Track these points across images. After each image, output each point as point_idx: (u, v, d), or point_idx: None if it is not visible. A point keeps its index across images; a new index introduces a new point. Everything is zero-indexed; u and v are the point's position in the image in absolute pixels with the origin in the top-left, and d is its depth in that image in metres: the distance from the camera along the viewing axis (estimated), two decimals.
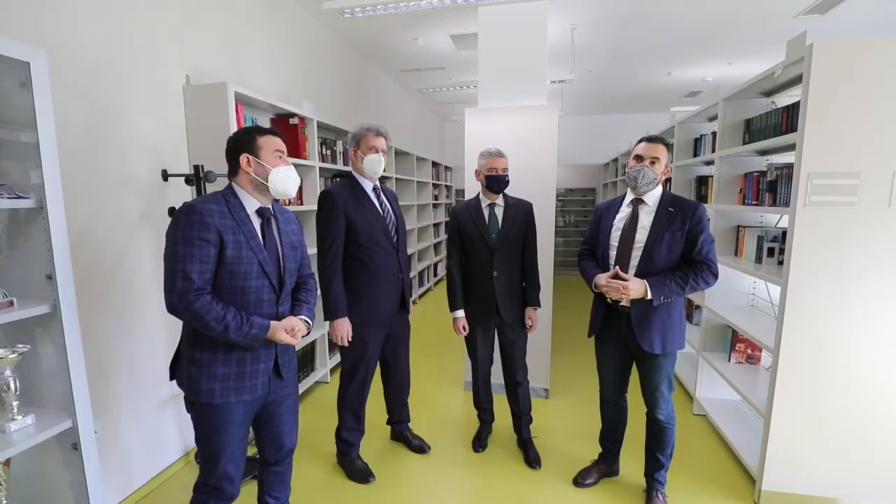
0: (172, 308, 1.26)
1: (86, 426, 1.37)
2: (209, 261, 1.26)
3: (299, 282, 1.56)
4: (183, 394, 1.38)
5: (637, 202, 1.81)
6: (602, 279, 1.77)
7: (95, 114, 1.81)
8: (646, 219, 1.77)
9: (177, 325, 2.19)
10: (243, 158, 1.37)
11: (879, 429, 1.82)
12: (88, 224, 1.80)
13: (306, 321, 1.48)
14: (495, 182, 2.15)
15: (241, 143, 1.38)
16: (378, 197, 2.06)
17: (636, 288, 1.68)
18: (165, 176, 1.96)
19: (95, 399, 1.78)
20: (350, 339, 2.01)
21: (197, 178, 1.99)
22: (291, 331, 1.39)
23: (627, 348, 1.89)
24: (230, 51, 2.64)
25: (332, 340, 3.53)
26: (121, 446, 1.97)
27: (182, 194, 2.22)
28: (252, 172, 1.37)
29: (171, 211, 1.99)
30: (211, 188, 2.15)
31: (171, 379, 1.43)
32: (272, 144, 1.41)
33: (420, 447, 2.37)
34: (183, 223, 1.25)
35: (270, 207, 1.44)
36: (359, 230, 1.96)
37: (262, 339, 1.34)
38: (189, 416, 1.39)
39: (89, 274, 1.80)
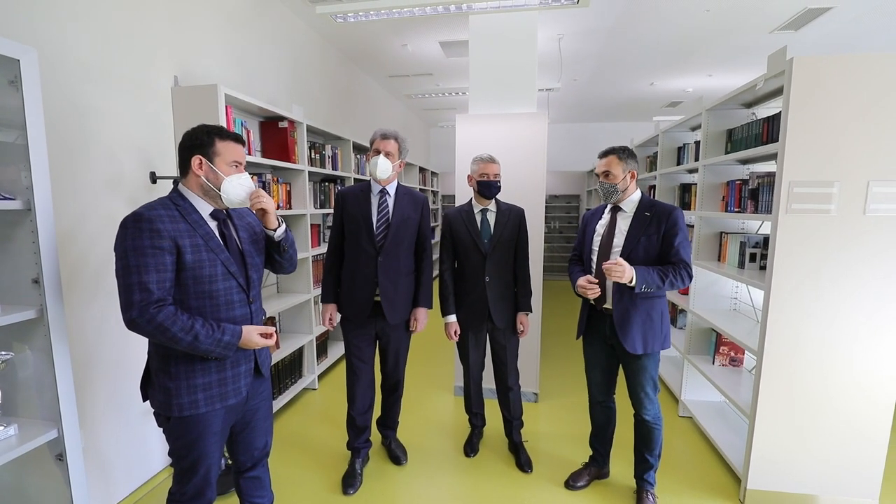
0: (133, 324, 1.15)
1: (72, 436, 1.33)
2: (166, 269, 1.18)
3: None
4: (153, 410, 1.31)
5: (616, 209, 1.90)
6: (581, 281, 1.84)
7: (80, 113, 1.76)
8: (623, 224, 1.86)
9: None
10: (195, 160, 1.26)
11: (853, 429, 1.89)
12: (72, 227, 1.74)
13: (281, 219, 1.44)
14: (486, 187, 2.17)
15: (197, 143, 1.27)
16: (381, 200, 2.05)
17: (628, 271, 1.69)
18: (154, 178, 1.92)
19: (79, 408, 1.72)
20: (335, 324, 2.17)
21: None
22: (266, 334, 1.33)
23: (613, 349, 1.94)
24: (219, 53, 2.61)
25: (321, 345, 3.50)
26: (102, 456, 1.90)
27: None
28: (203, 177, 1.27)
29: None
30: None
31: (145, 400, 1.34)
32: (231, 154, 1.29)
33: (397, 458, 2.35)
34: (132, 233, 1.15)
35: (224, 210, 1.35)
36: (346, 227, 2.08)
37: (236, 346, 1.27)
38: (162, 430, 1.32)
39: (73, 278, 1.75)
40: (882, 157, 1.75)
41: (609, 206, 1.92)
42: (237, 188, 1.29)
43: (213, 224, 1.30)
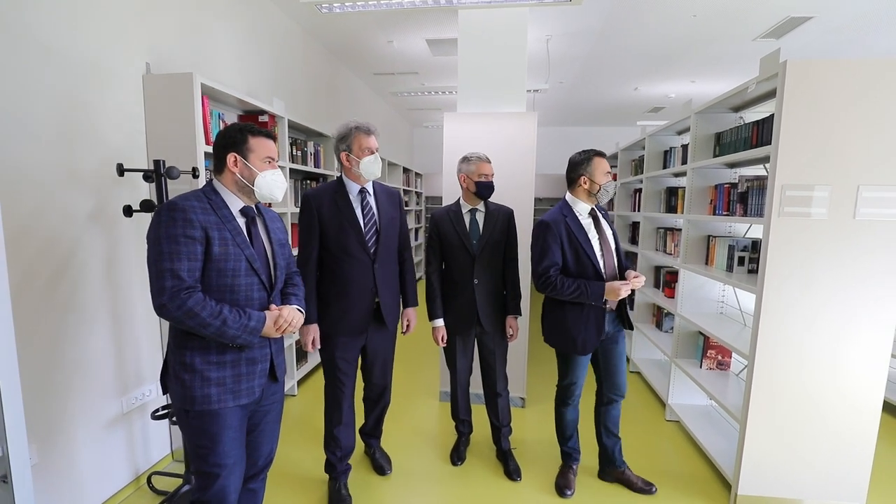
0: (163, 309, 1.18)
1: (19, 455, 1.19)
2: (197, 258, 1.21)
3: (286, 279, 1.51)
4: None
5: (594, 210, 1.96)
6: (616, 284, 1.81)
7: (38, 99, 1.62)
8: (604, 224, 1.97)
9: (130, 334, 2.03)
10: (230, 157, 1.30)
11: (841, 434, 1.89)
12: (28, 222, 1.59)
13: (300, 310, 1.44)
14: (486, 188, 2.08)
15: (231, 141, 1.31)
16: (363, 202, 1.88)
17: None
18: (121, 171, 1.78)
19: (32, 420, 1.58)
20: (319, 346, 1.91)
21: (157, 174, 1.82)
22: (290, 322, 1.36)
23: (602, 344, 1.98)
24: (195, 41, 2.47)
25: (300, 350, 3.37)
26: (61, 473, 1.74)
27: (138, 191, 2.03)
28: (238, 173, 1.31)
29: (127, 210, 1.81)
30: (173, 185, 1.99)
31: (165, 392, 1.35)
32: (264, 149, 1.34)
33: (381, 467, 2.23)
34: (165, 221, 1.19)
35: (254, 207, 1.38)
36: (329, 236, 1.84)
37: (260, 332, 1.28)
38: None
39: (28, 278, 1.60)
40: (871, 163, 1.75)
41: (588, 209, 1.96)
42: (270, 184, 1.34)
43: (241, 220, 1.33)
